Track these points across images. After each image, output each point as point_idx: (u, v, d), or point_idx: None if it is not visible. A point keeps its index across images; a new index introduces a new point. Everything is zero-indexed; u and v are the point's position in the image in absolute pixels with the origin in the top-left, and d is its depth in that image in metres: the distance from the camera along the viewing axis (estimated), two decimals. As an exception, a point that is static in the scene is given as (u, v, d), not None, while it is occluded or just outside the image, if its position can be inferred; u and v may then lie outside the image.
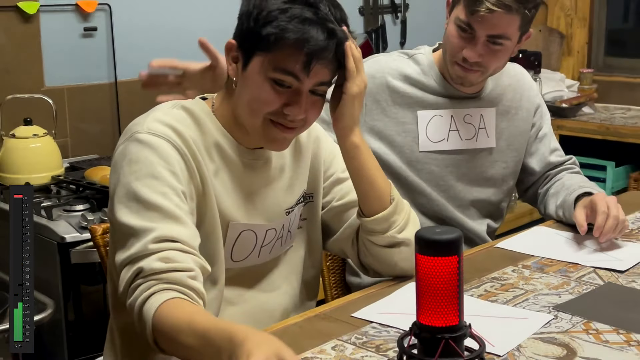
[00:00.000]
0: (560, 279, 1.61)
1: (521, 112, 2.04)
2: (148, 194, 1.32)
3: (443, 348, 0.98)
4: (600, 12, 4.42)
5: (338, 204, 1.62)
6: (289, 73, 1.34)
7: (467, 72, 1.85)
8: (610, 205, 1.76)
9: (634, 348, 1.29)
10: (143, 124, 1.38)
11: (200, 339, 1.16)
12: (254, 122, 1.39)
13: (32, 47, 2.68)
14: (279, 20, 1.31)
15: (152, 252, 1.27)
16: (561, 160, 2.08)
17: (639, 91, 4.13)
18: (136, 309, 1.27)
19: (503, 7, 1.74)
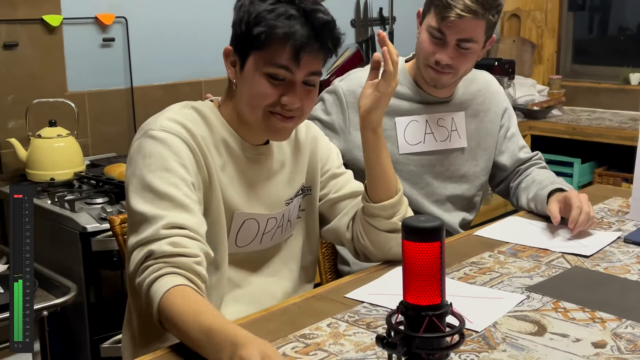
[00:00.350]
0: (531, 263, 1.62)
1: (489, 115, 2.05)
2: (160, 185, 1.32)
3: (427, 324, 0.98)
4: (567, 24, 4.43)
5: (334, 196, 1.62)
6: (281, 66, 1.35)
7: (439, 75, 1.86)
8: (583, 202, 1.77)
9: (597, 324, 1.30)
10: (156, 122, 1.38)
11: (204, 334, 1.15)
12: (255, 116, 1.39)
13: (56, 56, 2.67)
14: (267, 19, 1.32)
15: (163, 237, 1.28)
16: (529, 156, 2.10)
17: (603, 95, 4.14)
18: (145, 288, 1.27)
19: (471, 13, 1.76)
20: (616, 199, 2.12)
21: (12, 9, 2.54)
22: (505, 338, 1.25)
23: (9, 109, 2.57)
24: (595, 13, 4.48)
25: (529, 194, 1.97)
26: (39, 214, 2.33)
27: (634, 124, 3.62)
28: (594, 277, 1.54)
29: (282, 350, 1.21)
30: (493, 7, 1.79)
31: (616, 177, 3.68)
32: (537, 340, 1.24)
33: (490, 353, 1.19)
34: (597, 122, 3.78)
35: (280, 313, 1.38)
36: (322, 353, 1.20)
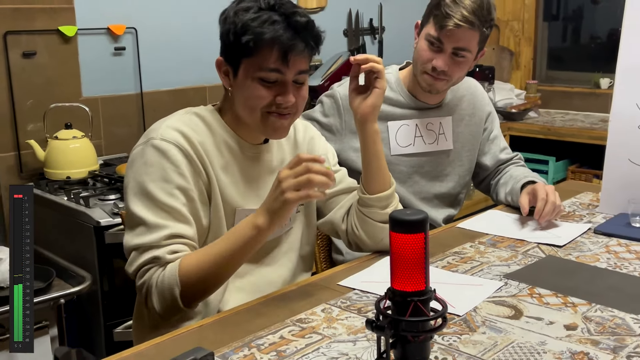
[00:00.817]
0: (509, 253, 1.62)
1: (474, 119, 2.05)
2: (160, 195, 1.34)
3: (412, 309, 0.98)
4: (543, 33, 4.43)
5: (331, 192, 1.63)
6: (272, 70, 1.35)
7: (435, 81, 1.86)
8: (549, 193, 1.78)
9: (569, 308, 1.30)
10: (158, 130, 1.39)
11: (224, 239, 1.30)
12: (254, 118, 1.40)
13: (71, 63, 2.67)
14: (253, 27, 1.32)
15: (164, 246, 1.32)
16: (509, 157, 2.10)
17: (575, 99, 4.14)
18: (153, 285, 1.31)
19: (467, 23, 1.77)
20: (587, 194, 2.13)
21: (30, 21, 2.53)
22: (484, 321, 1.25)
23: (28, 112, 2.57)
24: (568, 23, 4.48)
25: (506, 189, 1.98)
26: (56, 209, 2.33)
27: (603, 124, 3.62)
28: (566, 265, 1.55)
29: (280, 334, 1.21)
30: (487, 20, 1.81)
31: (587, 174, 3.69)
32: (514, 323, 1.24)
33: (471, 335, 1.20)
34: (570, 123, 3.79)
35: (278, 299, 1.38)
36: (317, 336, 1.20)
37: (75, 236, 2.26)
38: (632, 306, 1.31)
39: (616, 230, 1.74)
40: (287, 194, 1.25)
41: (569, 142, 3.64)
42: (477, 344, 1.16)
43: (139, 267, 1.33)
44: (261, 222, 1.28)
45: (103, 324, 2.23)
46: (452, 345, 1.17)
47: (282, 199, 1.26)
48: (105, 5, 2.73)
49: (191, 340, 1.20)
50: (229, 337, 1.20)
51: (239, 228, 1.31)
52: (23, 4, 2.51)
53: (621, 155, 1.87)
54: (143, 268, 1.33)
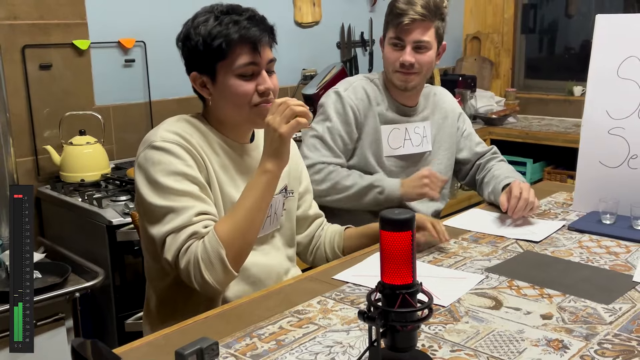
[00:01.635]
0: (490, 248, 1.63)
1: (447, 121, 2.09)
2: (176, 185, 1.33)
3: (401, 301, 0.98)
4: (521, 45, 4.44)
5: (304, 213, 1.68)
6: (248, 64, 1.37)
7: (407, 76, 1.91)
8: (523, 190, 1.79)
9: (545, 299, 1.31)
10: (156, 134, 1.38)
11: (244, 195, 1.33)
12: (243, 114, 1.41)
13: (84, 74, 2.66)
14: (220, 32, 1.35)
15: (197, 222, 1.31)
16: (485, 149, 2.13)
17: (551, 105, 4.15)
18: (198, 258, 1.28)
19: (420, 16, 1.86)
20: (562, 193, 2.14)
21: (47, 36, 2.53)
22: (467, 312, 1.26)
23: (44, 120, 2.56)
24: (544, 35, 4.49)
25: (489, 189, 1.99)
26: (71, 210, 2.33)
27: (577, 129, 3.61)
28: (543, 259, 1.55)
29: (279, 324, 1.21)
30: (437, 13, 1.90)
31: (562, 175, 3.70)
32: (495, 313, 1.25)
33: (455, 324, 1.20)
34: (546, 127, 3.79)
35: (277, 292, 1.38)
36: (313, 326, 1.21)
37: (89, 235, 2.26)
38: (602, 297, 1.31)
39: (588, 227, 1.75)
40: (280, 130, 1.30)
41: (545, 145, 3.65)
42: (461, 333, 1.17)
43: (179, 248, 1.30)
44: (269, 166, 1.33)
45: (115, 315, 2.22)
46: (438, 333, 1.17)
47: (277, 136, 1.31)
48: (116, 20, 2.73)
49: (197, 330, 1.20)
50: (232, 328, 1.20)
51: (253, 181, 1.34)
52: (40, 19, 2.51)
53: (592, 157, 1.88)
54: (183, 247, 1.30)
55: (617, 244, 1.64)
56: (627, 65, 1.83)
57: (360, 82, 1.99)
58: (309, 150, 1.92)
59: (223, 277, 1.30)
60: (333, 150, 1.93)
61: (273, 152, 1.33)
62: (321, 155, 1.91)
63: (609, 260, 1.53)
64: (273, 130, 1.31)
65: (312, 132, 1.94)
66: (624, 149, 1.83)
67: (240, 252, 1.32)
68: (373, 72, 2.09)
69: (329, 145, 1.92)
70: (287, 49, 3.37)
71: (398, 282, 0.98)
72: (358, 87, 1.97)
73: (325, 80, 3.29)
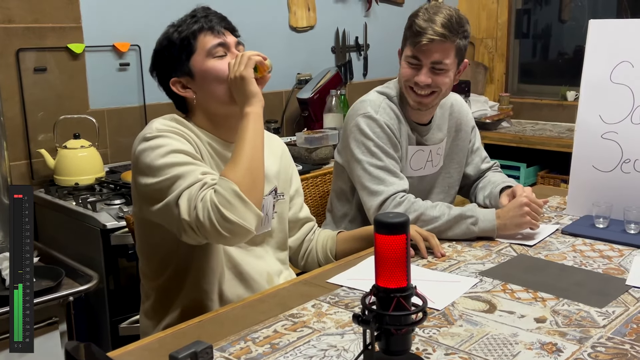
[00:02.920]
0: (484, 252, 1.63)
1: (461, 134, 2.04)
2: (176, 159, 1.33)
3: (395, 304, 0.98)
4: (515, 49, 4.45)
5: (295, 216, 1.69)
6: (217, 45, 1.43)
7: (421, 98, 1.82)
8: (527, 193, 1.78)
9: (539, 303, 1.31)
10: (151, 128, 1.39)
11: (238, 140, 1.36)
12: (226, 94, 1.43)
13: (79, 78, 2.66)
14: (182, 30, 1.43)
15: (204, 178, 1.31)
16: (489, 166, 2.11)
17: (544, 110, 4.16)
18: (215, 200, 1.26)
19: (440, 36, 1.75)
20: (555, 197, 2.14)
21: (41, 39, 2.53)
22: (461, 315, 1.26)
23: (39, 124, 2.56)
24: (537, 40, 4.51)
25: (485, 193, 1.98)
26: (65, 213, 2.32)
27: (570, 134, 3.64)
28: (536, 263, 1.56)
29: (274, 328, 1.21)
30: (459, 32, 1.78)
31: (556, 179, 3.71)
32: (489, 316, 1.25)
33: (449, 328, 1.21)
34: (539, 132, 3.80)
35: (272, 296, 1.38)
36: (308, 329, 1.21)
37: (83, 238, 2.25)
38: (596, 300, 1.32)
39: (582, 230, 1.75)
40: (242, 73, 1.38)
41: (539, 149, 3.66)
42: (455, 336, 1.17)
43: (194, 201, 1.27)
44: (246, 109, 1.38)
45: (109, 319, 2.21)
46: (432, 337, 1.17)
47: (239, 80, 1.38)
48: (111, 24, 2.73)
49: (191, 334, 1.20)
50: (227, 331, 1.20)
51: (239, 129, 1.37)
52: (34, 23, 2.50)
53: (586, 162, 1.88)
54: (197, 198, 1.27)
55: (611, 247, 1.65)
56: (620, 70, 1.84)
57: (384, 101, 1.87)
58: (375, 184, 1.77)
59: (245, 212, 1.27)
60: (398, 175, 1.81)
61: (243, 96, 1.39)
62: (393, 185, 1.77)
63: (603, 264, 1.53)
64: (235, 79, 1.38)
65: (366, 164, 1.80)
66: (617, 153, 1.84)
67: (253, 185, 1.31)
68: (386, 86, 1.93)
69: (393, 171, 1.80)
70: (282, 54, 3.38)
71: (392, 285, 0.98)
72: (386, 107, 1.86)
73: (320, 84, 3.30)
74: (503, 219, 1.71)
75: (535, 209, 1.72)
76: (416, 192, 1.94)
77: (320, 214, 2.16)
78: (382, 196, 1.75)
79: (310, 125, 3.27)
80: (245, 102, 1.39)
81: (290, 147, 2.44)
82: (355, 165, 1.83)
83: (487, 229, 1.70)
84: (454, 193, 2.07)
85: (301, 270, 1.75)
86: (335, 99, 3.23)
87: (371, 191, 1.77)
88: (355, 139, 1.83)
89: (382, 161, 1.80)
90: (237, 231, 1.26)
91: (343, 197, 1.97)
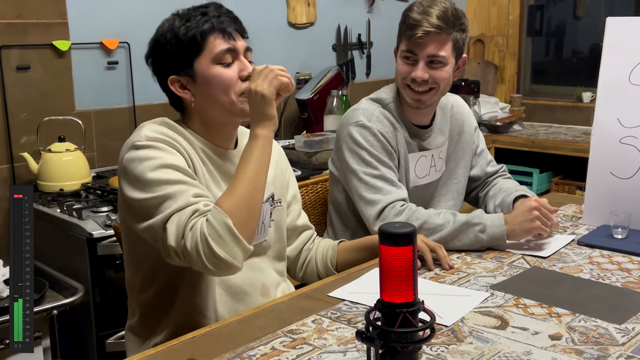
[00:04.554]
0: (495, 264, 1.63)
1: (464, 136, 2.05)
2: (166, 176, 1.33)
3: (401, 320, 0.98)
4: (527, 48, 4.47)
5: (293, 223, 1.69)
6: (225, 51, 1.41)
7: (418, 95, 1.84)
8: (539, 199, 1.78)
9: (554, 319, 1.31)
10: (140, 134, 1.39)
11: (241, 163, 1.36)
12: (230, 103, 1.43)
13: (64, 77, 2.66)
14: (190, 26, 1.40)
15: (196, 202, 1.31)
16: (495, 169, 2.11)
17: (558, 112, 4.17)
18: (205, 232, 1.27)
19: (435, 28, 1.77)
20: (570, 206, 2.14)
21: (24, 35, 2.53)
22: (471, 331, 1.26)
23: (22, 126, 2.56)
24: (551, 38, 4.52)
25: (496, 201, 1.97)
26: (49, 221, 2.32)
27: (586, 137, 3.65)
28: (551, 276, 1.56)
29: (271, 345, 1.21)
30: (456, 24, 1.80)
31: (571, 186, 3.71)
32: (500, 333, 1.25)
33: (458, 345, 1.20)
34: (553, 136, 3.81)
35: (270, 310, 1.38)
36: (308, 347, 1.20)
37: (68, 248, 2.25)
38: (614, 316, 1.31)
39: (599, 241, 1.75)
40: (264, 92, 1.36)
41: (553, 154, 3.66)
42: (465, 354, 1.17)
43: (183, 228, 1.28)
44: (258, 131, 1.38)
45: (95, 334, 2.21)
46: (440, 355, 1.17)
47: (259, 98, 1.36)
48: (99, 20, 2.73)
49: (183, 351, 1.19)
50: (221, 349, 1.20)
51: (246, 149, 1.38)
52: (17, 18, 2.51)
53: (603, 168, 1.88)
54: (187, 227, 1.28)
55: (630, 259, 1.65)
56: (639, 70, 1.84)
57: (377, 109, 1.88)
58: (372, 194, 1.77)
59: (234, 248, 1.28)
60: (396, 183, 1.80)
61: (258, 115, 1.38)
62: (390, 194, 1.77)
63: (621, 277, 1.53)
64: (254, 94, 1.37)
65: (362, 174, 1.79)
66: (637, 159, 1.83)
67: (248, 219, 1.31)
68: (379, 92, 1.94)
69: (390, 179, 1.80)
70: (280, 51, 3.38)
71: (398, 300, 0.98)
72: (379, 115, 1.86)
73: (320, 84, 3.30)
74: (511, 224, 1.71)
75: (545, 213, 1.73)
76: (424, 200, 1.94)
77: (320, 223, 2.16)
78: (380, 205, 1.76)
79: (310, 128, 3.27)
80: (258, 121, 1.38)
81: (288, 151, 2.44)
82: (350, 176, 1.84)
83: (497, 235, 1.69)
84: (462, 199, 2.07)
85: (300, 282, 1.75)
86: (337, 100, 3.23)
87: (368, 201, 1.78)
88: (349, 149, 1.84)
89: (377, 170, 1.80)
90: (223, 267, 1.30)
91: (340, 209, 1.97)
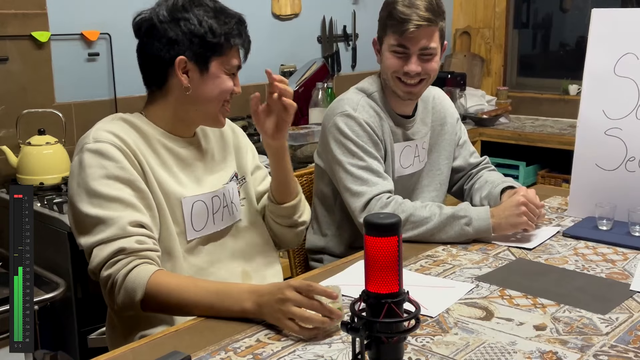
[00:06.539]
0: (480, 256, 1.65)
1: (446, 127, 2.06)
2: (106, 190, 1.36)
3: (386, 311, 0.99)
4: (513, 40, 4.49)
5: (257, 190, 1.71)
6: (237, 66, 1.51)
7: (411, 88, 1.85)
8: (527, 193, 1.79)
9: (538, 309, 1.33)
10: (89, 135, 1.42)
11: (213, 293, 1.29)
12: (213, 109, 1.50)
13: (44, 69, 2.65)
14: (220, 31, 1.45)
15: (129, 235, 1.34)
16: (478, 160, 2.12)
17: (545, 105, 4.20)
18: (119, 279, 1.32)
19: (427, 21, 1.78)
20: (556, 198, 2.17)
21: (2, 26, 2.51)
22: (456, 322, 1.27)
23: (0, 118, 2.54)
24: (538, 30, 4.55)
25: (482, 193, 1.99)
26: (29, 215, 2.31)
27: (572, 130, 3.68)
28: (536, 267, 1.58)
29: (256, 337, 1.22)
30: (441, 13, 1.83)
31: (557, 178, 3.75)
32: (485, 324, 1.27)
33: (444, 336, 1.22)
34: (540, 129, 3.84)
35: (255, 303, 1.38)
36: (293, 339, 1.21)
37: (49, 242, 2.24)
38: (598, 307, 1.34)
39: (584, 233, 1.78)
40: (284, 320, 1.21)
41: (539, 147, 3.69)
42: (450, 345, 1.19)
43: (105, 260, 1.34)
44: (248, 307, 1.26)
45: (77, 330, 2.20)
46: (425, 346, 1.18)
47: (277, 315, 1.22)
48: (79, 11, 2.72)
49: (168, 344, 1.20)
50: (206, 341, 1.21)
51: (231, 295, 1.28)
52: (-5, 9, 2.50)
53: (588, 160, 1.91)
54: (110, 261, 1.34)
55: (614, 251, 1.67)
56: (624, 62, 1.87)
57: (363, 99, 1.89)
58: (358, 185, 1.78)
59: (128, 309, 1.35)
60: (382, 175, 1.81)
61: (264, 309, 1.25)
62: (377, 185, 1.77)
63: (606, 268, 1.56)
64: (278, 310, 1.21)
65: (348, 165, 1.80)
66: (621, 150, 1.86)
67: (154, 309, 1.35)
68: (364, 83, 1.95)
69: (376, 171, 1.80)
70: (264, 43, 3.38)
71: (383, 290, 0.99)
72: (365, 105, 1.87)
73: (305, 77, 3.31)
74: (498, 217, 1.73)
75: (532, 209, 1.75)
76: (407, 190, 1.95)
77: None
78: (366, 197, 1.76)
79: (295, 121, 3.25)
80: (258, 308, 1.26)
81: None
82: (336, 167, 1.84)
83: (482, 228, 1.72)
84: (445, 190, 2.09)
85: (284, 247, 1.75)
86: (322, 93, 3.24)
87: (353, 192, 1.79)
88: (335, 140, 1.85)
89: (363, 161, 1.81)
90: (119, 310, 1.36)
91: (326, 202, 1.98)
